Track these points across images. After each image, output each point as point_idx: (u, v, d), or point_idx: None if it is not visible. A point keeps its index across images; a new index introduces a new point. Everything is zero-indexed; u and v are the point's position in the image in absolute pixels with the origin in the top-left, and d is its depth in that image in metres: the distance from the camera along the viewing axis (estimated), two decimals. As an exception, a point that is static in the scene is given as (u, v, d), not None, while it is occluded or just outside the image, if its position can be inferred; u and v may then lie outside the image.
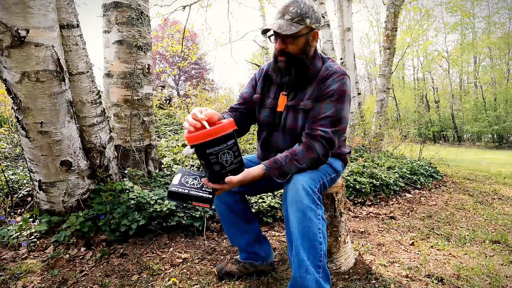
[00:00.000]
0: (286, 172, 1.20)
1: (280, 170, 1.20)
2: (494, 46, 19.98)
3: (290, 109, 1.35)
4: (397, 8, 5.88)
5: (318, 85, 1.30)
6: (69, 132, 1.83)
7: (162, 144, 3.74)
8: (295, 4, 1.23)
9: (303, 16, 1.22)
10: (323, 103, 1.27)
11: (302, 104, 1.31)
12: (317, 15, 1.26)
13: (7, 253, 1.68)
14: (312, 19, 1.24)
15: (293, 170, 1.20)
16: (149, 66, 2.56)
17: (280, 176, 1.21)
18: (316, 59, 1.35)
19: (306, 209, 1.13)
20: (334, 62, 1.38)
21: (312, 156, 1.22)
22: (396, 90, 22.19)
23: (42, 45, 1.62)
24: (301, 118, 1.32)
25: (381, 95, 6.23)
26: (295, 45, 1.26)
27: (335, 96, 1.26)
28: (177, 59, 19.31)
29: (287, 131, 1.37)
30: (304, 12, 1.22)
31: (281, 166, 1.20)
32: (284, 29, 1.20)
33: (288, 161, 1.20)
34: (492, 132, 19.77)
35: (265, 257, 1.56)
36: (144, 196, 2.02)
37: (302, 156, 1.22)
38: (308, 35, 1.27)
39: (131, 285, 1.47)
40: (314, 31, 1.28)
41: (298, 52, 1.27)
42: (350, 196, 3.02)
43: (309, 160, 1.22)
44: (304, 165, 1.21)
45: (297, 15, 1.22)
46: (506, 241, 2.12)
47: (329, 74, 1.29)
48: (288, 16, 1.22)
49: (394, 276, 1.58)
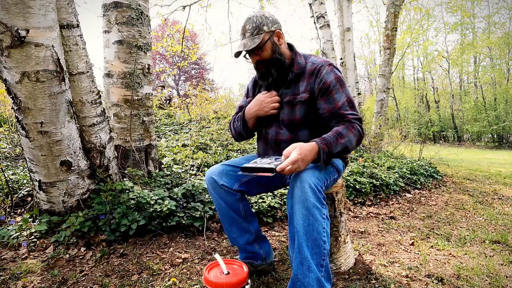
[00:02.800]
0: (331, 151, 1.24)
1: (328, 146, 1.24)
2: (494, 46, 19.95)
3: (286, 104, 1.45)
4: (397, 8, 5.88)
5: (310, 79, 1.41)
6: (69, 132, 1.83)
7: (162, 144, 3.74)
8: (249, 21, 1.38)
9: (259, 26, 1.36)
10: (332, 95, 1.35)
11: (299, 98, 1.41)
12: (272, 19, 1.40)
13: (7, 253, 1.68)
14: (268, 24, 1.38)
15: (338, 148, 1.25)
16: (149, 66, 2.56)
17: (327, 154, 1.23)
18: (298, 57, 1.46)
19: (312, 207, 1.14)
20: (317, 56, 1.49)
21: (354, 132, 1.29)
22: (396, 90, 22.18)
23: (42, 45, 1.62)
24: (298, 110, 1.42)
25: (381, 95, 6.23)
26: (265, 51, 1.39)
27: (337, 85, 1.36)
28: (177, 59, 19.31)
29: (284, 124, 1.45)
30: (259, 23, 1.36)
31: (330, 142, 1.24)
32: (249, 45, 1.35)
33: (334, 139, 1.25)
34: (492, 132, 19.75)
35: (265, 256, 1.56)
36: (144, 196, 2.02)
37: (346, 133, 1.27)
38: (272, 38, 1.40)
39: (131, 285, 1.47)
40: (276, 32, 1.41)
41: (271, 55, 1.41)
42: (350, 196, 3.02)
43: (352, 136, 1.28)
44: (348, 143, 1.27)
45: (254, 29, 1.36)
46: (506, 241, 2.12)
47: (318, 68, 1.40)
48: (248, 33, 1.37)
49: (394, 276, 1.58)
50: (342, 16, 5.65)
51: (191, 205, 2.16)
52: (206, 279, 1.18)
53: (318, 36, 5.35)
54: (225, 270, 1.22)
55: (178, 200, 2.17)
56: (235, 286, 1.16)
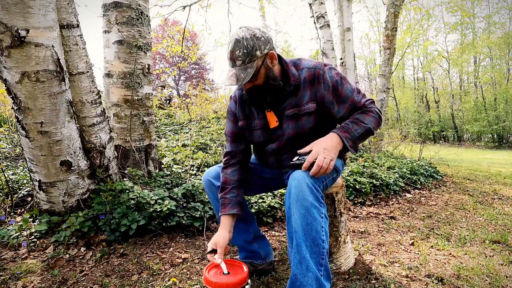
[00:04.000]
0: (354, 134, 1.25)
1: (348, 132, 1.24)
2: (494, 46, 19.96)
3: (289, 119, 1.35)
4: (397, 8, 5.88)
5: (312, 87, 1.32)
6: (69, 132, 1.83)
7: (162, 144, 3.74)
8: (239, 45, 1.19)
9: (252, 52, 1.19)
10: (341, 92, 1.33)
11: (305, 109, 1.33)
12: (264, 38, 1.22)
13: (7, 253, 1.68)
14: (260, 47, 1.21)
15: (359, 130, 1.26)
16: (149, 66, 2.56)
17: (351, 140, 1.24)
18: (290, 69, 1.34)
19: (310, 206, 1.13)
20: (305, 60, 1.39)
21: (373, 115, 1.30)
22: (396, 90, 22.18)
23: (42, 45, 1.62)
24: (305, 121, 1.34)
25: (381, 95, 6.23)
26: (259, 79, 1.26)
27: (340, 80, 1.34)
28: (177, 59, 19.31)
29: (289, 138, 1.37)
30: (251, 48, 1.19)
31: (349, 128, 1.25)
32: (242, 77, 1.19)
33: (353, 124, 1.26)
34: (492, 132, 19.76)
35: (264, 256, 1.56)
36: (144, 196, 2.02)
37: (364, 117, 1.28)
38: (265, 62, 1.25)
39: (131, 285, 1.47)
40: (269, 53, 1.25)
41: (264, 81, 1.28)
42: (350, 196, 3.02)
43: (371, 119, 1.29)
44: (368, 124, 1.27)
45: (246, 56, 1.19)
46: (506, 241, 2.12)
47: (316, 74, 1.32)
48: (239, 61, 1.20)
49: (394, 276, 1.58)
50: (342, 16, 5.65)
51: (191, 205, 2.16)
52: (206, 279, 1.18)
53: (318, 36, 5.35)
54: (225, 270, 1.22)
55: (178, 200, 2.17)
56: (235, 286, 1.16)
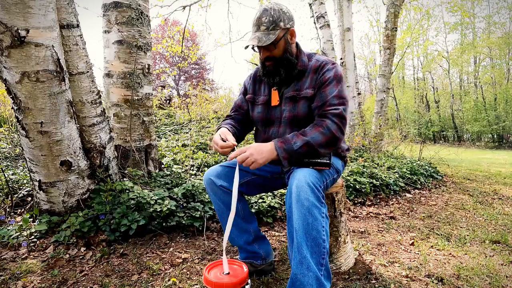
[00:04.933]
0: (291, 147, 1.23)
1: (285, 143, 1.23)
2: (494, 46, 19.95)
3: (287, 100, 1.43)
4: (397, 8, 5.88)
5: (314, 75, 1.40)
6: (69, 132, 1.83)
7: (162, 144, 3.74)
8: (266, 13, 1.31)
9: (276, 21, 1.31)
10: (326, 89, 1.34)
11: (303, 93, 1.39)
12: (289, 15, 1.35)
13: (7, 253, 1.68)
14: (285, 21, 1.33)
15: (298, 143, 1.23)
16: (149, 66, 2.56)
17: (285, 151, 1.23)
18: (302, 55, 1.44)
19: (311, 206, 1.13)
20: (320, 55, 1.48)
21: (322, 130, 1.25)
22: (396, 90, 22.17)
23: (42, 45, 1.62)
24: (302, 105, 1.39)
25: (381, 95, 6.23)
26: (277, 49, 1.36)
27: (334, 80, 1.35)
28: (177, 59, 19.32)
29: (286, 121, 1.43)
30: (276, 18, 1.31)
31: (288, 139, 1.24)
32: (264, 41, 1.30)
33: (295, 136, 1.26)
34: (492, 132, 19.76)
35: (265, 256, 1.56)
36: (144, 196, 2.02)
37: (310, 131, 1.26)
38: (286, 36, 1.36)
39: (131, 285, 1.47)
40: (290, 30, 1.37)
41: (282, 53, 1.37)
42: (350, 196, 3.02)
43: (318, 134, 1.25)
44: (309, 139, 1.24)
45: (271, 23, 1.31)
46: (506, 241, 2.12)
47: (322, 65, 1.40)
48: (263, 26, 1.31)
49: (394, 276, 1.58)
50: (342, 16, 5.65)
51: (191, 205, 2.16)
52: (206, 279, 1.18)
53: (318, 36, 5.35)
54: (226, 270, 1.22)
55: (178, 200, 2.17)
56: (235, 286, 1.16)
